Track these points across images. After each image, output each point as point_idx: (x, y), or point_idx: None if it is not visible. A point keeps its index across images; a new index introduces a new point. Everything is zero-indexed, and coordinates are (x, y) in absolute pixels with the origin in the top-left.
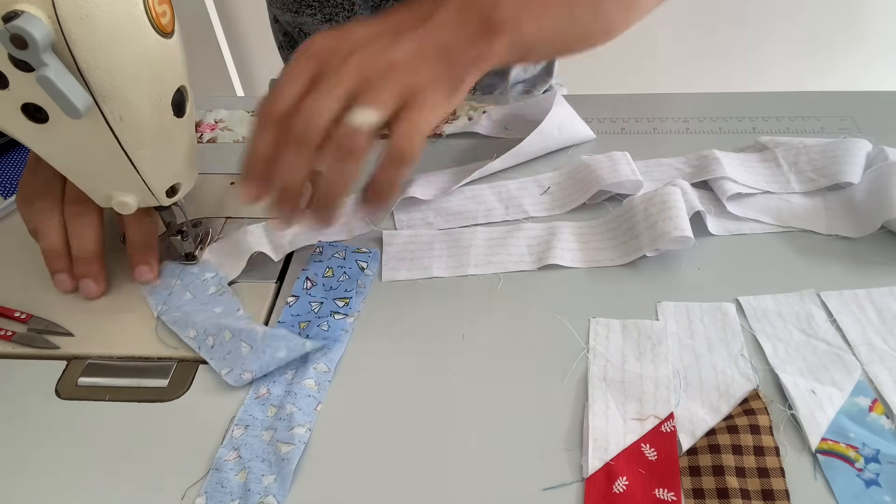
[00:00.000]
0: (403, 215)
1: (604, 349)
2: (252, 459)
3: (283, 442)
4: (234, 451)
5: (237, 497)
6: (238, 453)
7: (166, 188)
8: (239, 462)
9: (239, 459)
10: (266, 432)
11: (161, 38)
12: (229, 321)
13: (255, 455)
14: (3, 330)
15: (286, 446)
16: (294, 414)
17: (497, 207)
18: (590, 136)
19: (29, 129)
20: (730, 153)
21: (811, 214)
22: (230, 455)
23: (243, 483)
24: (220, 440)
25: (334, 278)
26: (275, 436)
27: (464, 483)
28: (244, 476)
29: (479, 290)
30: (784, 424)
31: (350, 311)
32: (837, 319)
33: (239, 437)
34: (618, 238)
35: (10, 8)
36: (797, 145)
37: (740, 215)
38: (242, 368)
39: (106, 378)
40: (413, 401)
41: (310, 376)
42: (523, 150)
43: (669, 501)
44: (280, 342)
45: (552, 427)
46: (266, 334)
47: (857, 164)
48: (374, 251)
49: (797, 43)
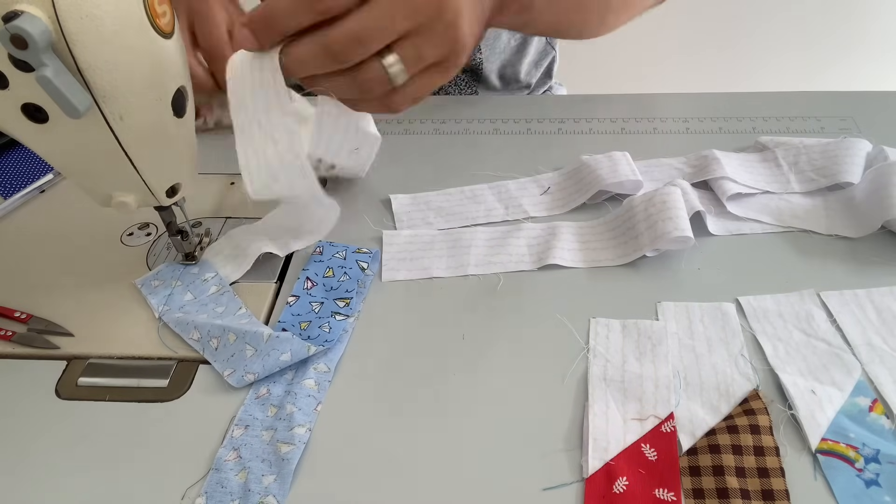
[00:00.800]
0: (403, 215)
1: (604, 349)
2: (252, 459)
3: (284, 442)
4: (234, 451)
5: (237, 497)
6: (238, 453)
7: (166, 188)
8: (239, 462)
9: (239, 459)
10: (266, 432)
11: (161, 38)
12: (232, 322)
13: (255, 455)
14: (3, 330)
15: (286, 446)
16: (294, 414)
17: (497, 207)
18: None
19: (29, 129)
20: (730, 153)
21: (811, 214)
22: (230, 455)
23: (243, 483)
24: (220, 440)
25: (335, 278)
26: (275, 436)
27: (464, 483)
28: (244, 476)
29: (479, 290)
30: (784, 424)
31: (351, 312)
32: (837, 319)
33: (239, 437)
34: (618, 238)
35: (10, 8)
36: (797, 145)
37: (740, 215)
38: (245, 370)
39: (106, 378)
40: (413, 401)
41: (310, 376)
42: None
43: (669, 501)
44: (285, 345)
45: (552, 427)
46: (271, 337)
47: (857, 164)
48: (374, 251)
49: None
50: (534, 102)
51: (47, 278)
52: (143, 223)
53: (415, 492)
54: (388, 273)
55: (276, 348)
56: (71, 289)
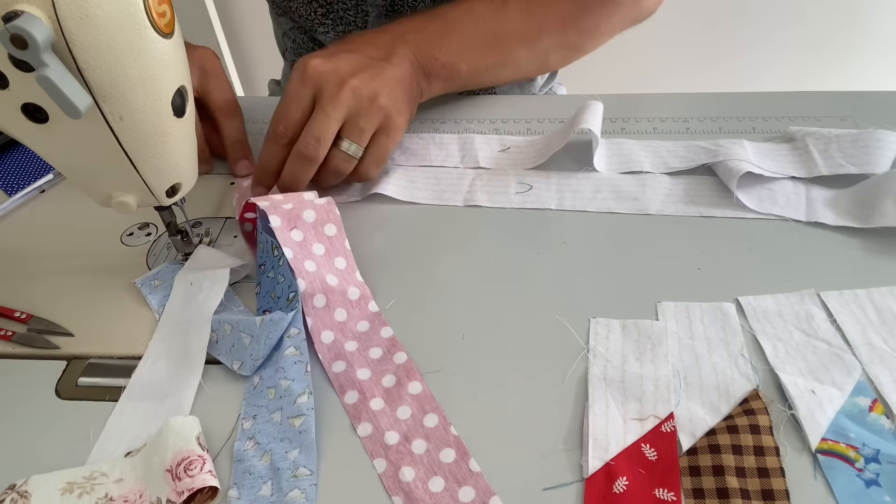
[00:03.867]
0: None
1: (604, 349)
2: (271, 442)
3: (294, 416)
4: (250, 439)
5: (268, 479)
6: (255, 441)
7: (166, 188)
8: (259, 448)
9: (258, 446)
10: (274, 414)
11: (161, 38)
12: (226, 315)
13: (272, 438)
14: (3, 330)
15: (298, 419)
16: (291, 386)
17: (455, 155)
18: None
19: (29, 129)
20: (759, 143)
21: (792, 202)
22: (247, 445)
23: (269, 464)
24: (228, 435)
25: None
26: (283, 414)
27: None
28: (268, 458)
29: (479, 289)
30: (784, 424)
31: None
32: (837, 319)
33: (250, 427)
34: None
35: (10, 8)
36: (827, 135)
37: (752, 206)
38: (252, 357)
39: (106, 378)
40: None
41: (287, 345)
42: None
43: (669, 501)
44: (279, 325)
45: (552, 427)
46: (263, 322)
47: (886, 157)
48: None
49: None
50: (534, 102)
51: (47, 278)
52: (143, 223)
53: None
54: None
55: (272, 330)
56: (71, 289)
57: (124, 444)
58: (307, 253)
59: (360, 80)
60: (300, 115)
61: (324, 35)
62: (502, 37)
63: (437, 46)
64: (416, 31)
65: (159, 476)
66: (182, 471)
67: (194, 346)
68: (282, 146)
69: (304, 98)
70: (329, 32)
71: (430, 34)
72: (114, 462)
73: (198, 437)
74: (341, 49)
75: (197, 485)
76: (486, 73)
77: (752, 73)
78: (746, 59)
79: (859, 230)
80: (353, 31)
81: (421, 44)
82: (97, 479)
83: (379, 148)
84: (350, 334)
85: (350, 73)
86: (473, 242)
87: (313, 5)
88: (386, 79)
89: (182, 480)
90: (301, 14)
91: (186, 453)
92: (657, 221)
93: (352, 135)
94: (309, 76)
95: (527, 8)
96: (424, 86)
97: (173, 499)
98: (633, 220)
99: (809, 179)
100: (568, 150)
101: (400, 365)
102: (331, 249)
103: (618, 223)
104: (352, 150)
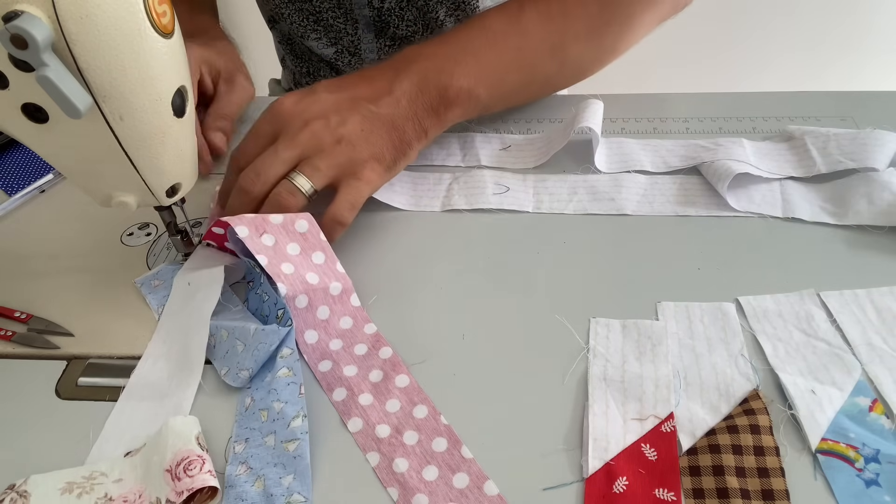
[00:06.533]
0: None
1: (604, 349)
2: (264, 467)
3: (288, 440)
4: (242, 464)
5: None
6: (247, 465)
7: (166, 188)
8: (251, 473)
9: (250, 471)
10: (268, 438)
11: (161, 38)
12: (224, 319)
13: (265, 462)
14: (3, 330)
15: (292, 444)
16: (284, 409)
17: (456, 154)
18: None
19: (29, 129)
20: (758, 142)
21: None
22: (239, 470)
23: (262, 490)
24: (227, 436)
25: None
26: (276, 438)
27: None
28: (261, 484)
29: (479, 289)
30: (784, 424)
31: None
32: (837, 319)
33: (242, 451)
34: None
35: (10, 8)
36: (825, 133)
37: (733, 205)
38: (238, 367)
39: (106, 378)
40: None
41: (280, 366)
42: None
43: (669, 501)
44: (271, 337)
45: (552, 427)
46: (257, 331)
47: (885, 154)
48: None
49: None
50: (534, 102)
51: (47, 278)
52: (143, 223)
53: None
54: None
55: (263, 341)
56: (71, 289)
57: (124, 444)
58: (282, 255)
59: (325, 122)
60: (257, 152)
61: (316, 41)
62: (523, 52)
63: (449, 73)
64: (427, 58)
65: (159, 476)
66: (182, 471)
67: (194, 346)
68: (236, 177)
69: (265, 136)
70: (321, 39)
71: (442, 60)
72: (113, 462)
73: (197, 437)
74: (327, 87)
75: (196, 485)
76: (514, 94)
77: (752, 73)
78: (746, 59)
79: (860, 230)
80: (343, 39)
81: (430, 73)
82: (97, 479)
83: (352, 190)
84: (334, 332)
85: (316, 116)
86: (473, 243)
87: (304, 13)
88: (363, 121)
89: (182, 480)
90: (293, 21)
91: (186, 453)
92: (657, 221)
93: (305, 170)
94: (274, 115)
95: (546, 14)
96: (432, 121)
97: (173, 499)
98: (633, 220)
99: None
100: (568, 150)
101: (386, 360)
102: (305, 245)
103: (618, 223)
104: (302, 185)
